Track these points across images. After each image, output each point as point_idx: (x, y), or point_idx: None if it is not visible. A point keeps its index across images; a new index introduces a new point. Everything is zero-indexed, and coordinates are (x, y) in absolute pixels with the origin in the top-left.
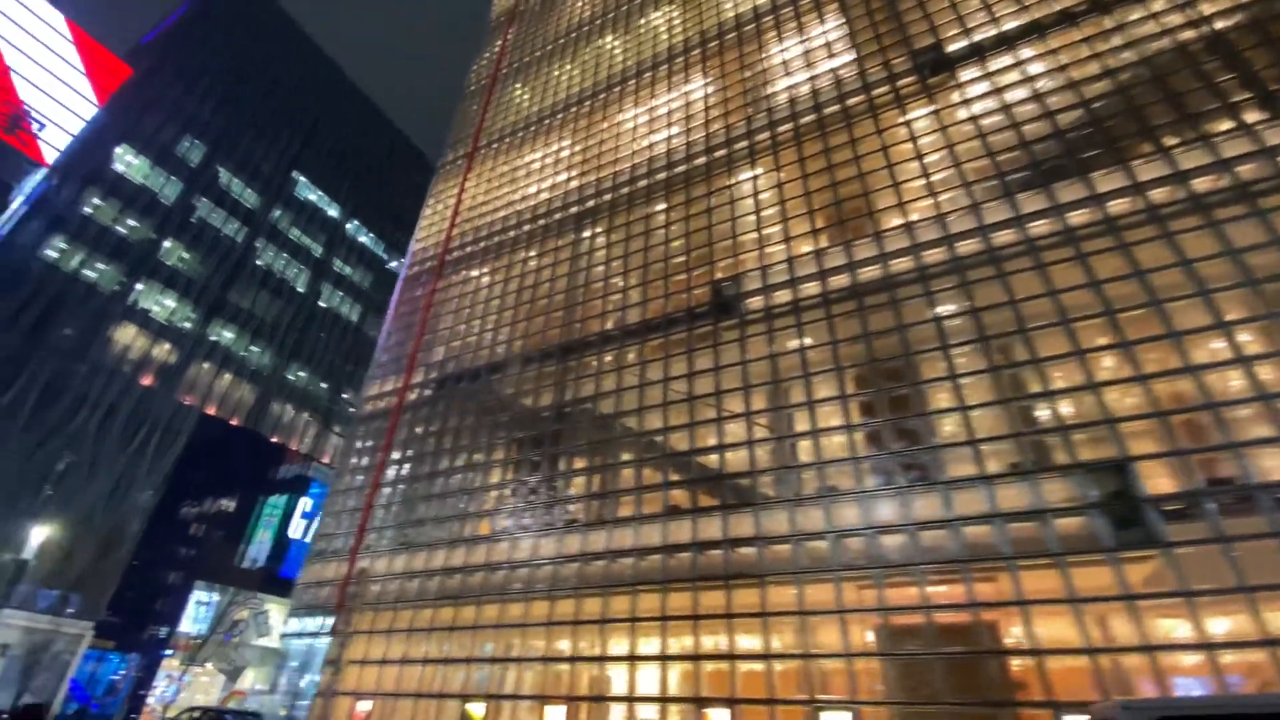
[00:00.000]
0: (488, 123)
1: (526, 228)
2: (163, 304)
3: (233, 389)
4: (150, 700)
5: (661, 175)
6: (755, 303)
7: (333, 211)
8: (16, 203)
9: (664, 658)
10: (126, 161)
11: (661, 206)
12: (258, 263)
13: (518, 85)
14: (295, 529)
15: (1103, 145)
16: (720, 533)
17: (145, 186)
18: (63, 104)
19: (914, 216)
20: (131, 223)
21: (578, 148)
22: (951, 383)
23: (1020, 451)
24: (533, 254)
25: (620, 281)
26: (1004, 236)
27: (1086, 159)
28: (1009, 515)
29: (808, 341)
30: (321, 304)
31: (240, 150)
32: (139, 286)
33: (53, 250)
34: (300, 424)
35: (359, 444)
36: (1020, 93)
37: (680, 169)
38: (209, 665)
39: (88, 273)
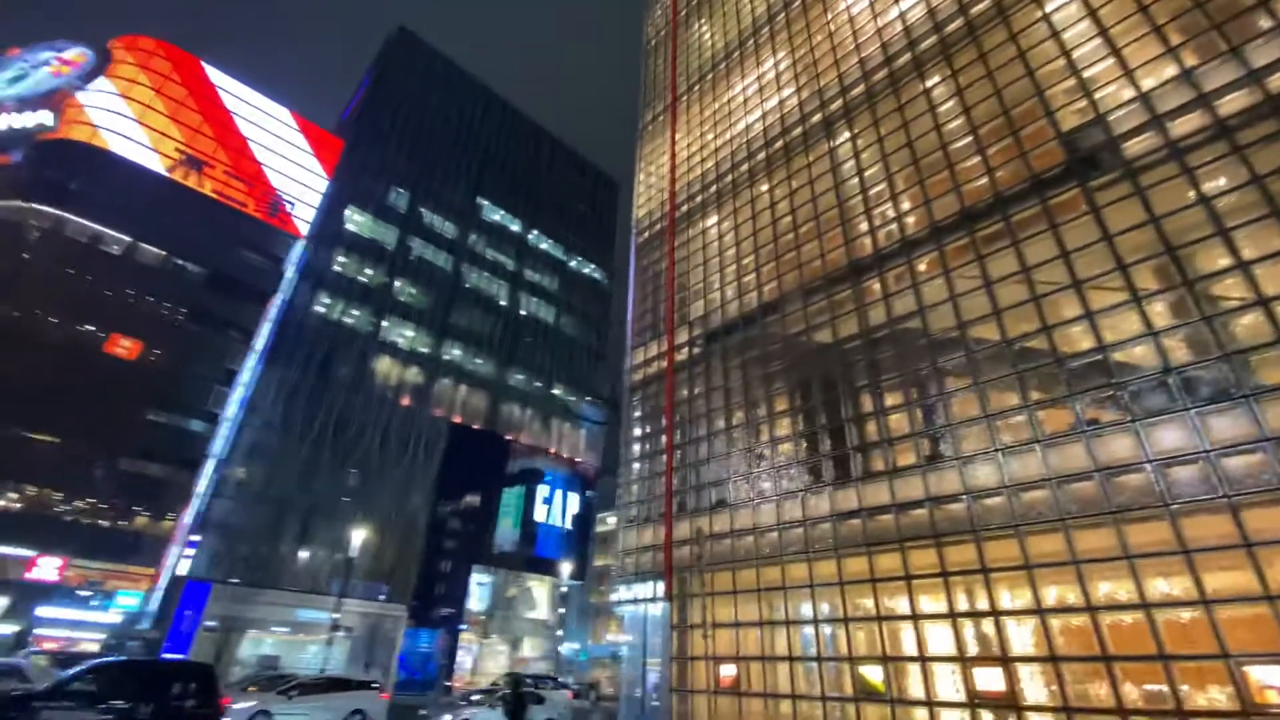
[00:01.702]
0: (680, 68)
1: (761, 155)
2: (404, 334)
3: (469, 398)
4: (457, 668)
5: (929, 41)
6: (1138, 145)
7: (515, 227)
8: (290, 271)
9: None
10: (355, 220)
11: (937, 79)
12: (466, 285)
13: (701, 22)
14: (540, 513)
15: None
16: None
17: (372, 239)
18: (303, 184)
19: None
20: (369, 271)
21: (799, 54)
22: None
23: None
24: (777, 181)
25: (910, 174)
26: None
27: None
28: None
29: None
30: (522, 311)
31: (434, 189)
32: (384, 324)
33: (320, 305)
34: (526, 419)
35: (636, 412)
36: None
37: (954, 25)
38: (494, 637)
39: (347, 319)
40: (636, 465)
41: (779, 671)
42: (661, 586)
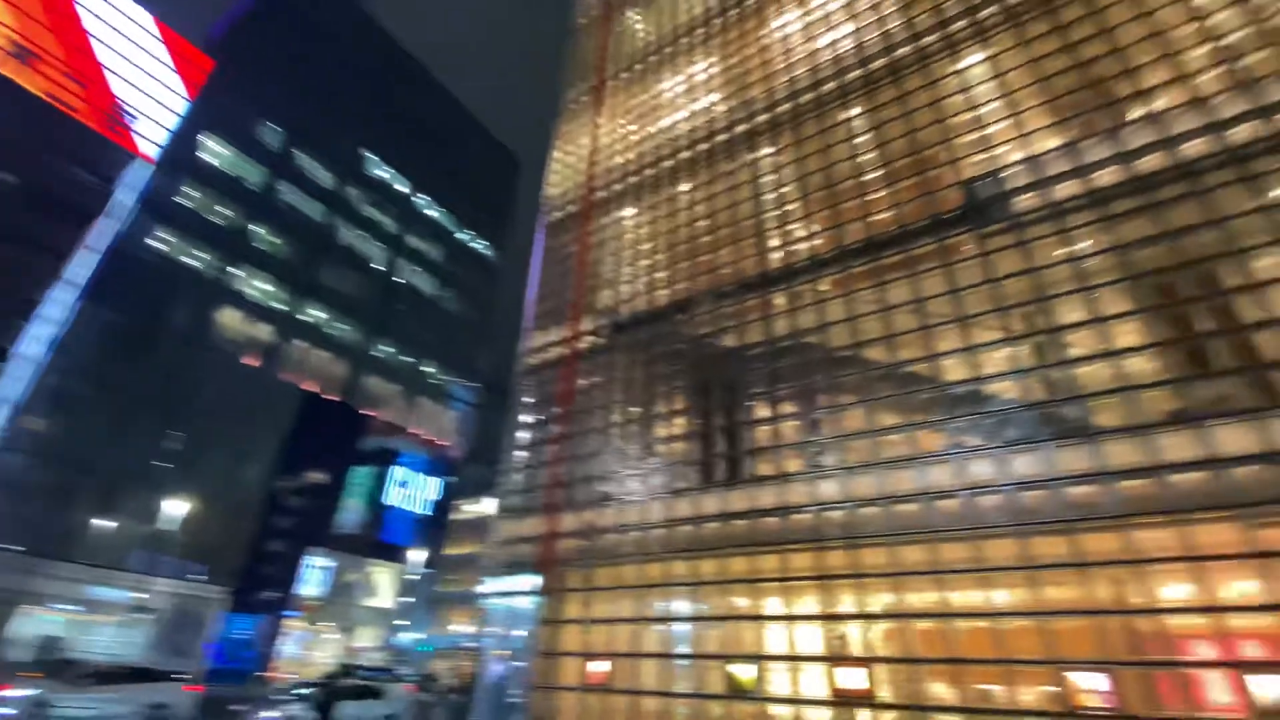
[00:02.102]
0: (610, 54)
1: (685, 155)
2: (258, 287)
3: (328, 365)
4: (278, 658)
5: (855, 74)
6: (1026, 201)
7: (402, 187)
8: (125, 196)
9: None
10: (215, 151)
11: (857, 110)
12: (339, 242)
13: (636, 11)
14: (394, 496)
15: None
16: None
17: (233, 175)
18: (157, 100)
19: (1210, 86)
20: (224, 210)
21: (730, 63)
22: None
23: None
24: (699, 183)
25: (824, 197)
26: None
27: None
28: None
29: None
30: (399, 279)
31: (314, 132)
32: (236, 271)
33: (159, 241)
34: (389, 395)
35: (528, 397)
36: None
37: (878, 63)
38: (325, 625)
39: (191, 260)
40: (522, 453)
41: (651, 669)
42: (537, 580)
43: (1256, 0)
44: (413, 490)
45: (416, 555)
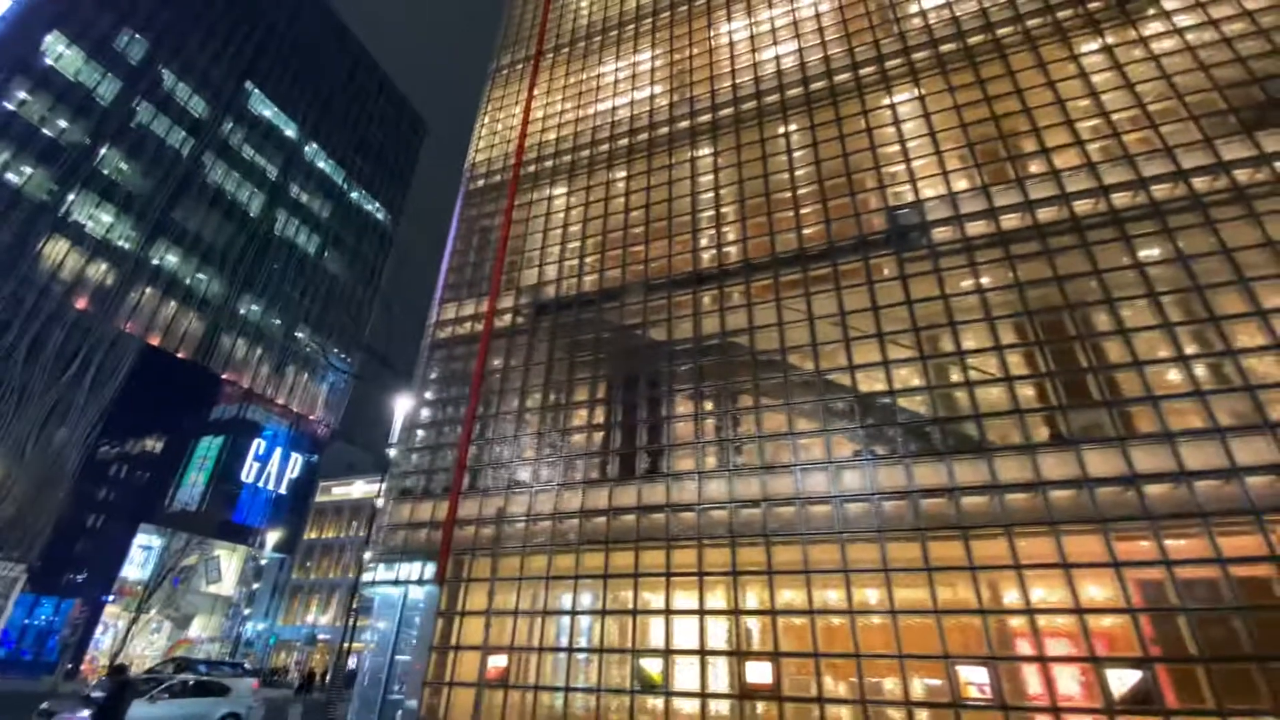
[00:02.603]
0: (551, 25)
1: (624, 142)
2: (99, 219)
3: (179, 318)
4: (92, 648)
5: (796, 90)
6: (944, 234)
7: (290, 131)
8: None
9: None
10: (57, 52)
11: (795, 127)
12: (207, 180)
13: None
14: (248, 472)
15: None
16: (905, 481)
17: (79, 83)
18: None
19: (1097, 155)
20: (62, 123)
21: (677, 57)
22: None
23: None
24: (636, 172)
25: (760, 204)
26: (1206, 183)
27: None
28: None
29: (985, 282)
30: (276, 231)
31: (187, 51)
32: (71, 197)
33: None
34: (252, 360)
35: (433, 374)
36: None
37: (819, 85)
38: (154, 612)
39: (12, 177)
40: (422, 432)
41: (555, 663)
42: (431, 568)
43: (1141, 87)
44: (273, 467)
45: (269, 538)
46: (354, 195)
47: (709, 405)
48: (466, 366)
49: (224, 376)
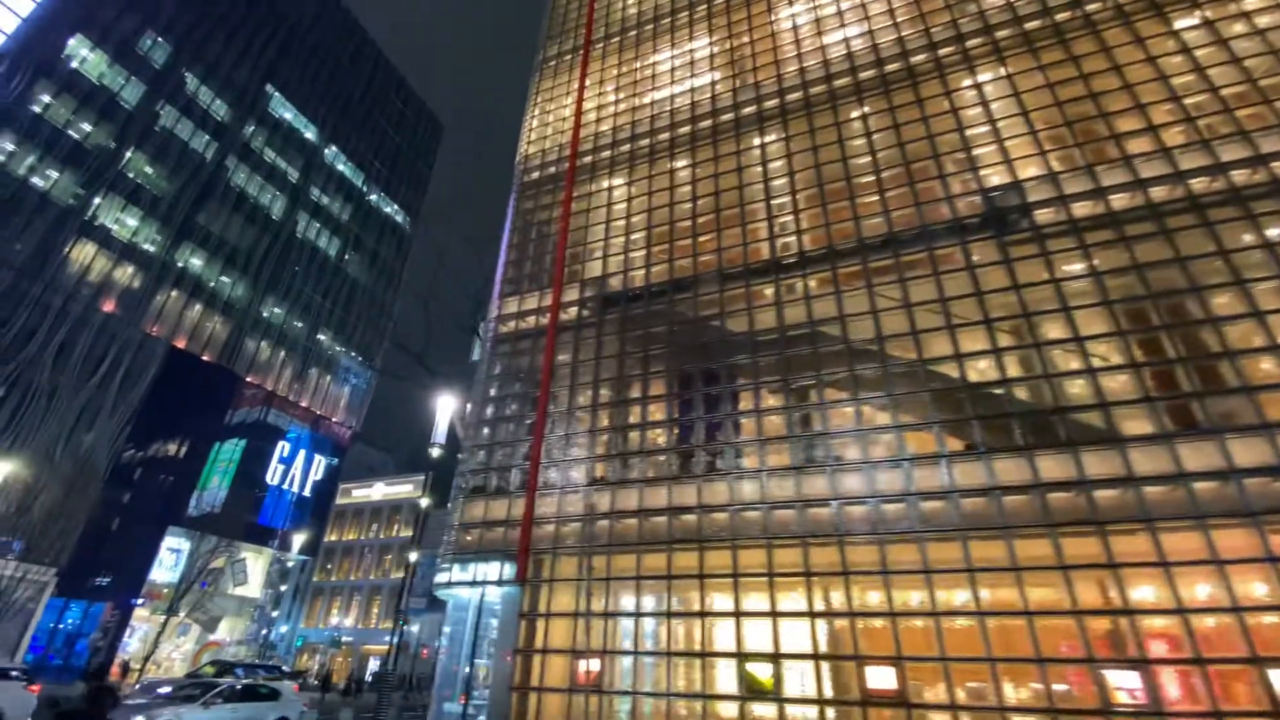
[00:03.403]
0: (598, 16)
1: (685, 130)
2: (124, 222)
3: (204, 321)
4: (120, 652)
5: (868, 74)
6: (1047, 215)
7: (309, 134)
8: None
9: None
10: (81, 55)
11: (872, 109)
12: (230, 183)
13: None
14: (273, 474)
15: None
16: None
17: (103, 85)
18: None
19: (1207, 132)
20: (87, 126)
21: (737, 42)
22: None
23: None
24: (702, 159)
25: (840, 189)
26: None
27: None
28: None
29: (1098, 264)
30: (298, 234)
31: (209, 54)
32: (98, 200)
33: None
34: (276, 362)
35: (496, 369)
36: None
37: (892, 67)
38: (182, 615)
39: (39, 180)
40: (488, 429)
41: (652, 667)
42: (510, 568)
43: (1249, 62)
44: (297, 469)
45: (295, 540)
46: (373, 198)
47: (797, 398)
48: (534, 361)
49: (248, 379)
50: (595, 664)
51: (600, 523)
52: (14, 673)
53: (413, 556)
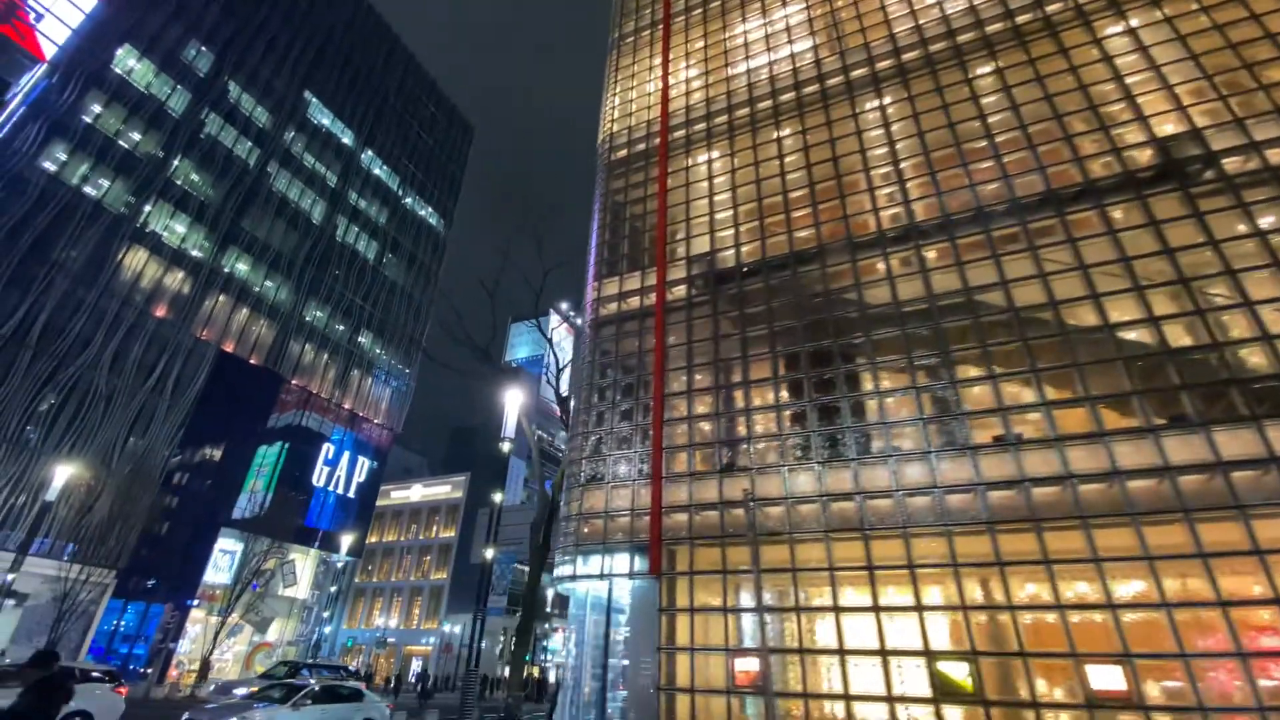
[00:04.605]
0: None
1: (788, 96)
2: (174, 229)
3: (250, 325)
4: (179, 653)
5: (996, 27)
6: (1234, 164)
7: (346, 139)
8: (15, 102)
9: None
10: (128, 65)
11: (1007, 63)
12: (272, 189)
13: None
14: (319, 476)
15: None
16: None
17: (150, 95)
18: None
19: None
20: (136, 135)
21: (838, 4)
22: None
23: None
24: (814, 124)
25: (983, 148)
26: None
27: None
28: None
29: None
30: (338, 238)
31: (250, 62)
32: (148, 208)
33: (52, 161)
34: (319, 365)
35: (600, 353)
36: None
37: (1024, 18)
38: (236, 616)
39: (91, 189)
40: (597, 415)
41: (822, 667)
42: (641, 560)
43: None
44: (341, 470)
45: (340, 541)
46: (408, 200)
47: (961, 372)
48: (642, 343)
49: (293, 382)
50: (753, 663)
51: (736, 510)
52: (97, 674)
53: (488, 554)
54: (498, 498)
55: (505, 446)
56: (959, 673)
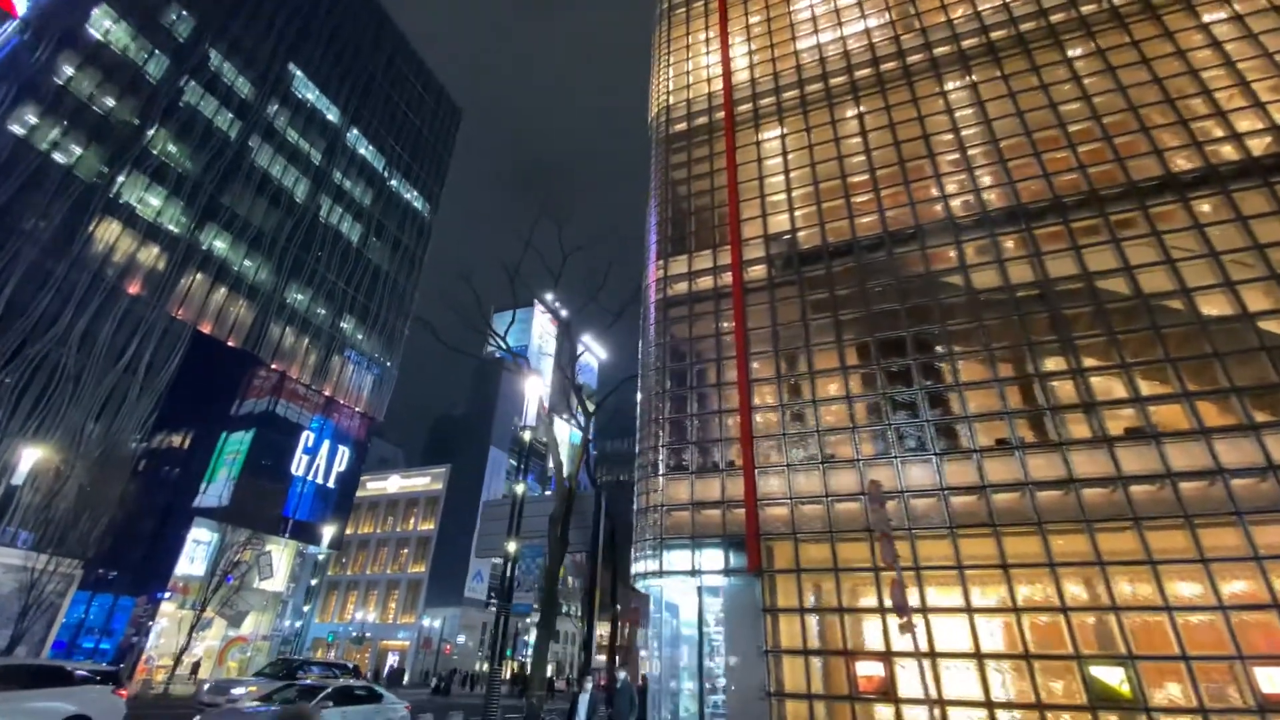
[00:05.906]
0: None
1: (866, 72)
2: (149, 202)
3: (229, 305)
4: (148, 648)
5: (1090, 7)
6: None
7: (332, 115)
8: None
9: None
10: (105, 27)
11: (1114, 42)
12: (254, 164)
13: None
14: (298, 465)
15: None
16: None
17: (128, 59)
18: None
19: None
20: (111, 101)
21: None
22: None
23: None
24: (898, 101)
25: (1093, 127)
26: None
27: None
28: None
29: None
30: (321, 218)
31: (233, 30)
32: (122, 178)
33: (21, 125)
34: (300, 349)
35: (668, 335)
36: None
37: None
38: (209, 610)
39: (62, 156)
40: (671, 401)
41: (954, 672)
42: (736, 556)
43: None
44: (321, 459)
45: (320, 533)
46: (394, 183)
47: (1092, 359)
48: (718, 324)
49: (273, 366)
50: (878, 668)
51: (844, 504)
52: (85, 673)
53: (511, 547)
54: (519, 488)
55: (526, 435)
56: (1113, 678)
